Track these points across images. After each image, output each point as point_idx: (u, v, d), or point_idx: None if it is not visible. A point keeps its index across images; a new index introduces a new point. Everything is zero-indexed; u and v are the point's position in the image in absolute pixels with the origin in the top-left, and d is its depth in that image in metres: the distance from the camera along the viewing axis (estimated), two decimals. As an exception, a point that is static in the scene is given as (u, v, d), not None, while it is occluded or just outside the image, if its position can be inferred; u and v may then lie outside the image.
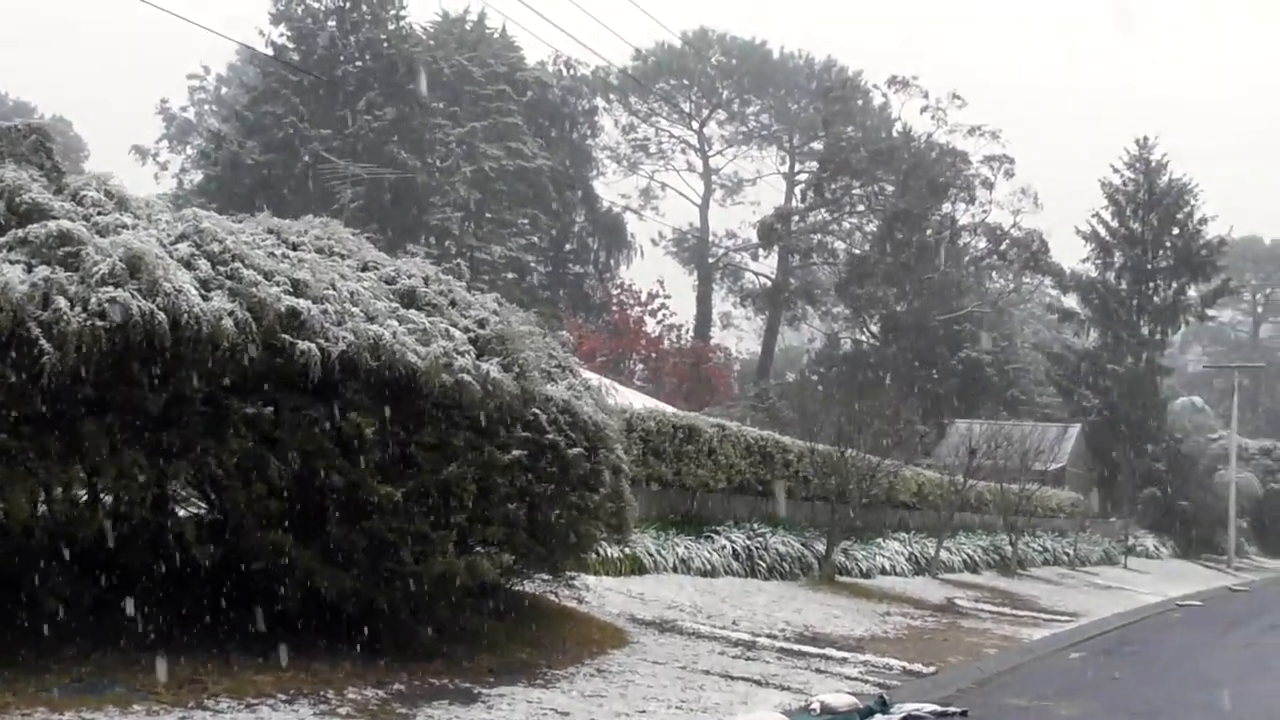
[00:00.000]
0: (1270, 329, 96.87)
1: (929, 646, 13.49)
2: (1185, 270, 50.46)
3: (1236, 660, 16.05)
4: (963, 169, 49.82)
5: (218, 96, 62.03)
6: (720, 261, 63.83)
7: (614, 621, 11.80)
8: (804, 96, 63.52)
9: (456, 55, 51.20)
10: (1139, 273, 50.40)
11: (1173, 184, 50.71)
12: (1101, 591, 26.64)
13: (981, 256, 52.49)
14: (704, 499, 18.34)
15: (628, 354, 50.81)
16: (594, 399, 10.42)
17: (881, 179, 51.60)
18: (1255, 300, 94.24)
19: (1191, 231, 50.43)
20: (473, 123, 48.72)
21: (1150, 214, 50.55)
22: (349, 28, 46.62)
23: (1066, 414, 47.90)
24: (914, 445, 25.73)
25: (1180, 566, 40.45)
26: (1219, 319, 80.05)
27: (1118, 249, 50.82)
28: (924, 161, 49.58)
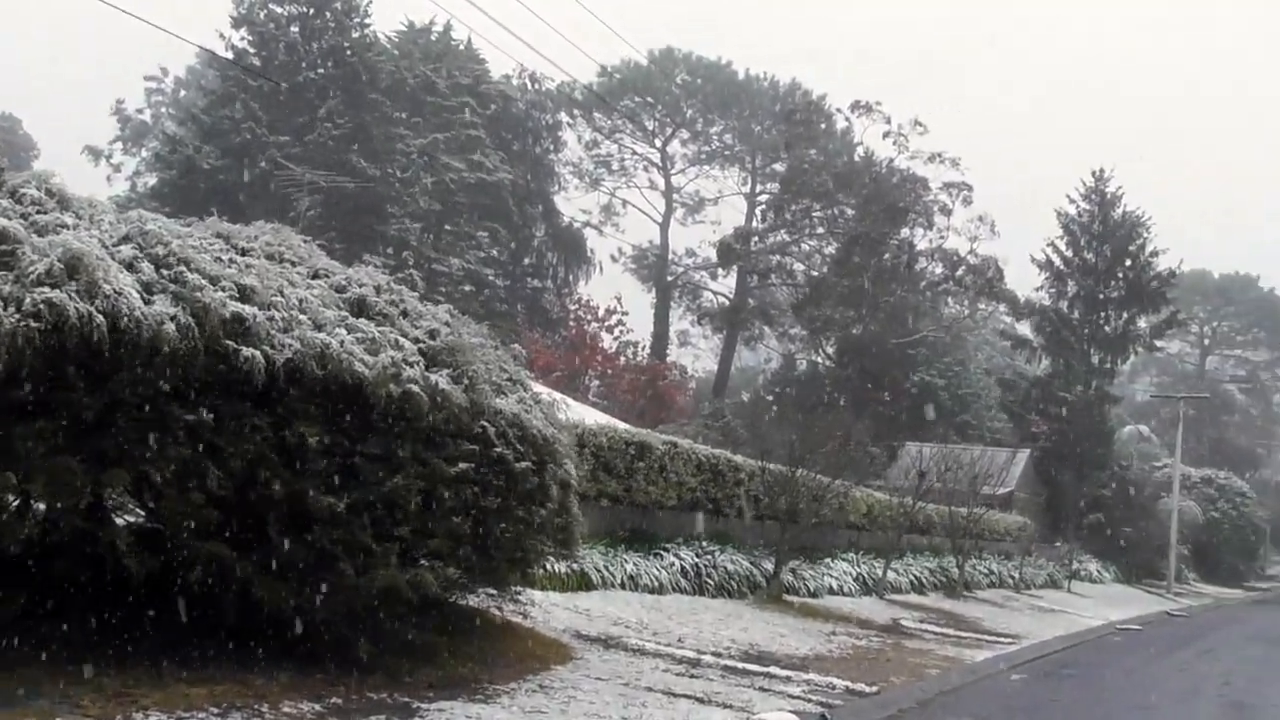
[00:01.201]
0: (1216, 361, 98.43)
1: (873, 666, 13.51)
2: (1136, 301, 51.13)
3: (1173, 684, 16.21)
4: (922, 195, 50.36)
5: (175, 99, 61.56)
6: (679, 280, 64.03)
7: (559, 637, 11.73)
8: (767, 118, 63.90)
9: (420, 66, 51.09)
10: (1091, 302, 51.00)
11: (1126, 216, 51.45)
12: (1045, 614, 26.84)
13: (938, 282, 52.97)
14: (654, 516, 18.30)
15: (584, 369, 50.75)
16: (545, 413, 10.34)
17: (842, 202, 52.02)
18: (1202, 333, 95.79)
19: (1143, 263, 51.17)
20: (435, 134, 48.63)
21: (1104, 245, 51.23)
22: (312, 34, 46.41)
23: (1016, 439, 48.31)
24: (865, 467, 25.86)
25: (1122, 591, 40.86)
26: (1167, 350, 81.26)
27: (1071, 278, 51.39)
28: (884, 186, 50.05)
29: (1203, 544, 57.01)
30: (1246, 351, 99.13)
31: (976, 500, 29.57)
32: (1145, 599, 39.34)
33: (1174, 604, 38.87)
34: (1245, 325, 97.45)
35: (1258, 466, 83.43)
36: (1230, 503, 60.36)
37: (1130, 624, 27.07)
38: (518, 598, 10.80)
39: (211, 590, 7.59)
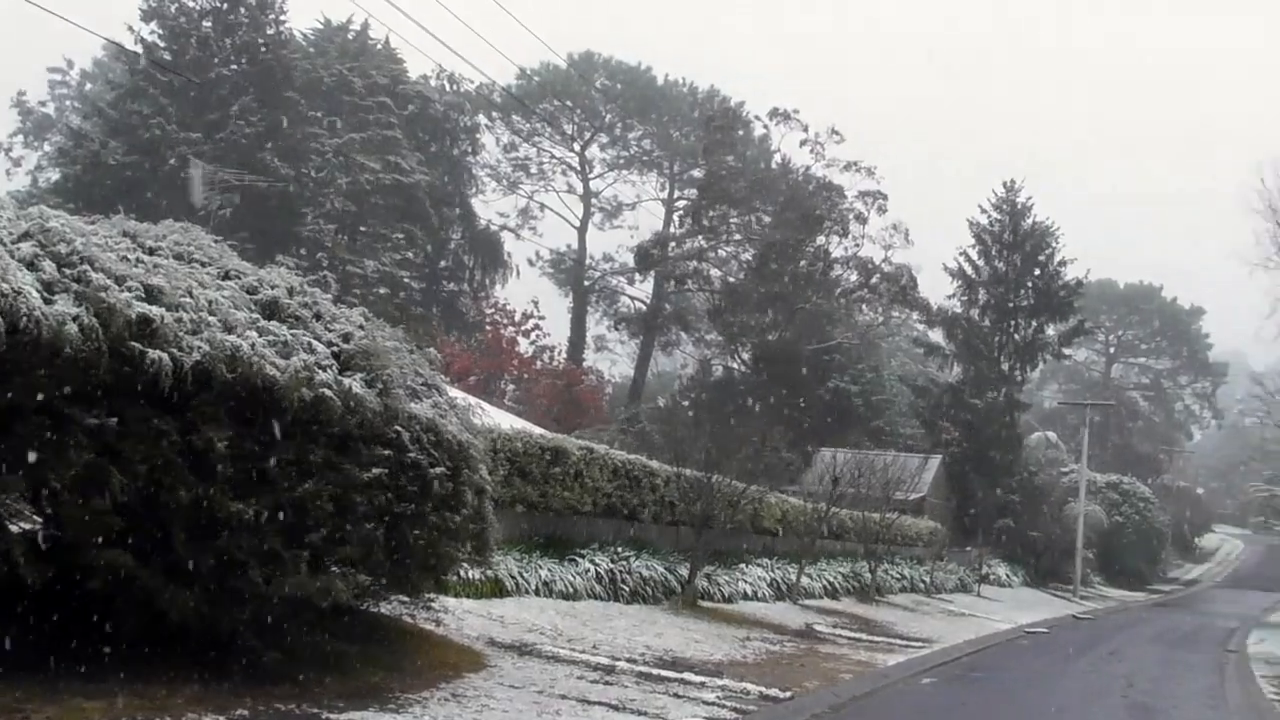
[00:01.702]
0: (1121, 369, 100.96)
1: (787, 671, 13.59)
2: (1045, 310, 52.19)
3: (1078, 686, 16.55)
4: (838, 203, 50.92)
5: (80, 92, 60.08)
6: (597, 284, 64.06)
7: (472, 644, 11.62)
8: (686, 124, 64.22)
9: (337, 64, 50.48)
10: (1002, 310, 51.94)
11: (1036, 226, 52.49)
12: (955, 618, 27.25)
13: (852, 289, 53.58)
14: (570, 521, 18.22)
15: (500, 374, 50.57)
16: (460, 418, 10.24)
17: (759, 209, 52.40)
18: (1108, 341, 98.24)
19: (1051, 273, 52.25)
20: (351, 134, 48.06)
21: (1014, 254, 52.21)
22: (225, 30, 45.51)
23: (928, 445, 48.91)
24: (780, 472, 26.02)
25: (1030, 595, 41.65)
26: (1074, 358, 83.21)
27: (983, 287, 52.27)
28: (801, 194, 50.52)
29: (1107, 548, 58.44)
30: (1150, 359, 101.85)
31: (889, 506, 29.94)
32: (1052, 602, 40.16)
33: (1080, 607, 39.74)
34: (1149, 334, 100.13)
35: (1160, 472, 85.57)
36: (1134, 508, 61.92)
37: (1038, 627, 27.60)
38: (431, 605, 10.65)
39: (113, 599, 7.36)
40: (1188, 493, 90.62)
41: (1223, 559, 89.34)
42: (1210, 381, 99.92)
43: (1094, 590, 51.57)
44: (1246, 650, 26.83)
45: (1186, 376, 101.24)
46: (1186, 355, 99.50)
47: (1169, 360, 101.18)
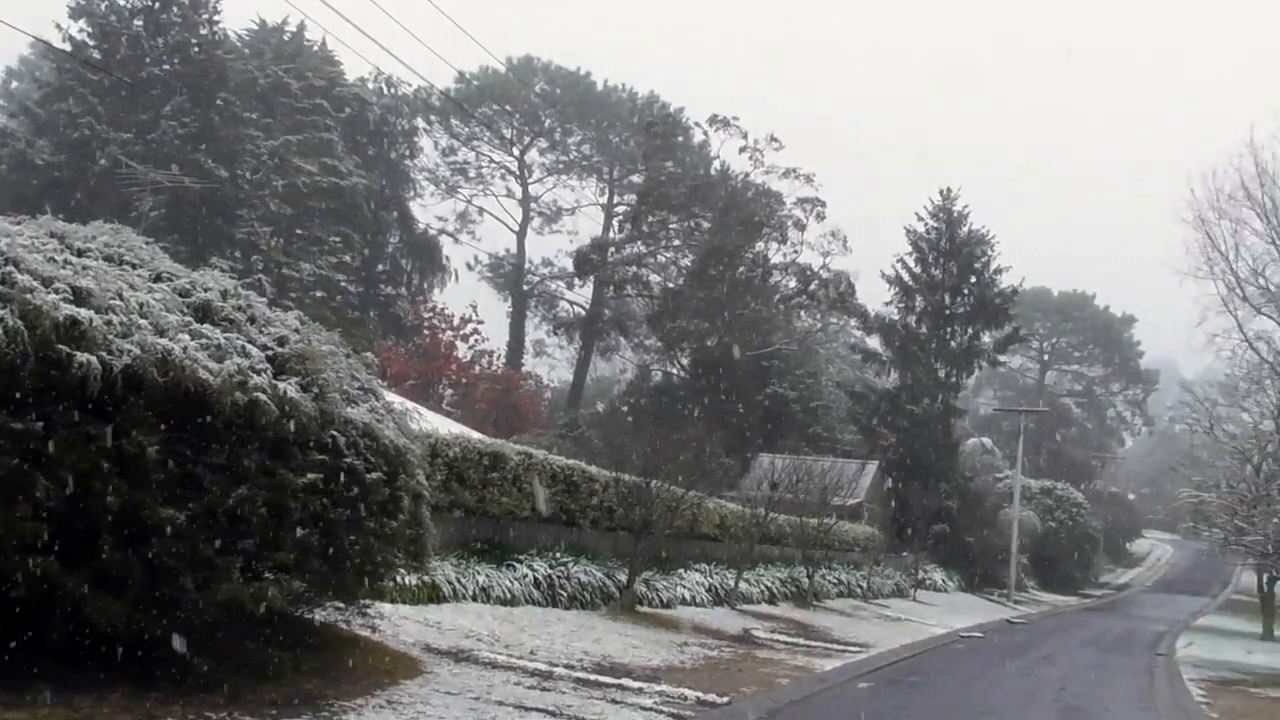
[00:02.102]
0: (1055, 376, 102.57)
1: (724, 677, 13.60)
2: (980, 317, 52.77)
3: (1011, 689, 16.77)
4: (777, 209, 51.24)
5: (6, 90, 58.80)
6: (535, 289, 63.95)
7: (409, 651, 11.50)
8: (625, 129, 64.28)
9: (272, 65, 49.92)
10: (938, 317, 52.47)
11: (972, 234, 53.09)
12: (892, 623, 27.47)
13: (791, 295, 53.91)
14: (508, 527, 18.13)
15: (438, 378, 50.30)
16: (397, 423, 10.16)
17: (698, 215, 52.56)
18: (1042, 348, 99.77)
19: (987, 280, 52.87)
20: (286, 136, 47.54)
21: (950, 262, 52.78)
22: (156, 29, 44.82)
23: (866, 451, 49.31)
24: (719, 478, 26.06)
25: (965, 599, 42.14)
26: (1009, 365, 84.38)
27: (919, 294, 52.79)
28: (740, 200, 50.76)
29: (1041, 553, 59.28)
30: (1083, 367, 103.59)
31: (827, 511, 30.11)
32: (987, 607, 40.64)
33: (1014, 611, 40.26)
34: (1082, 341, 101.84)
35: (1092, 478, 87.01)
36: (1067, 513, 62.90)
37: (973, 632, 27.92)
38: (367, 611, 10.55)
39: (38, 607, 7.19)
40: (1119, 498, 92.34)
41: (1153, 564, 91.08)
42: (1141, 389, 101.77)
43: (1028, 595, 52.29)
44: (1175, 654, 27.40)
45: (1118, 384, 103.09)
46: (1118, 363, 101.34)
47: (1101, 367, 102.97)
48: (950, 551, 47.77)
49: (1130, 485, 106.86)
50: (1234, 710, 16.59)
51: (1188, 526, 39.58)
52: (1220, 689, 19.89)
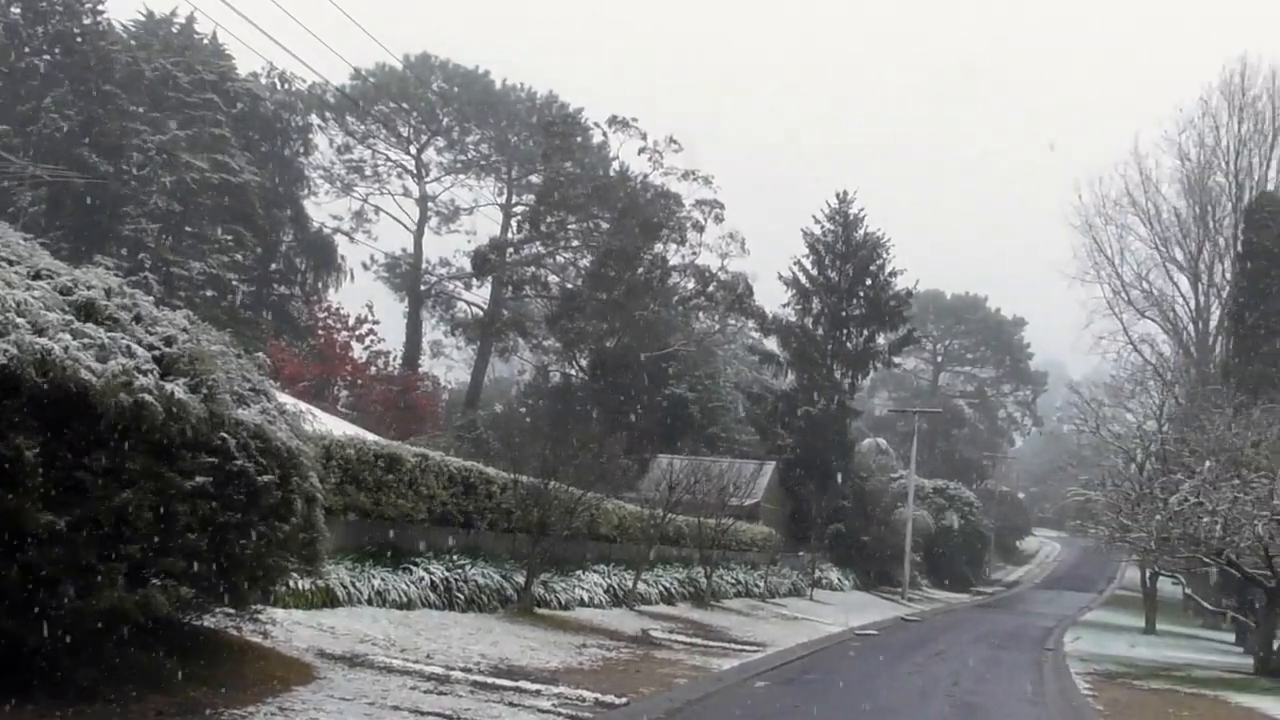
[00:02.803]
0: (948, 377, 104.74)
1: (623, 678, 13.60)
2: (876, 319, 53.58)
3: (905, 686, 17.04)
4: (676, 211, 51.42)
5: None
6: (433, 289, 63.25)
7: (301, 657, 11.29)
8: (524, 129, 63.96)
9: (160, 58, 48.66)
10: (835, 319, 53.13)
11: (868, 237, 53.87)
12: (789, 622, 27.75)
13: (690, 297, 54.17)
14: (405, 529, 17.91)
15: (333, 379, 49.53)
16: (290, 424, 9.97)
17: (597, 216, 52.52)
18: (936, 350, 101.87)
19: (883, 283, 53.69)
20: (175, 130, 46.37)
21: (847, 264, 53.52)
22: (35, 17, 43.37)
23: (763, 451, 49.69)
24: (617, 479, 26.07)
25: (861, 598, 42.77)
26: (904, 366, 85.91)
27: (816, 296, 53.38)
28: (639, 201, 50.83)
29: (935, 551, 60.47)
30: (975, 368, 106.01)
31: (724, 511, 30.31)
32: (882, 605, 41.31)
33: (908, 609, 40.99)
34: (974, 343, 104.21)
35: (984, 477, 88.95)
36: (959, 512, 64.24)
37: (868, 630, 28.34)
38: (258, 617, 10.34)
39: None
40: (1010, 497, 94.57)
41: (1042, 561, 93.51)
42: (1031, 390, 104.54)
43: (922, 593, 53.27)
44: (1063, 648, 28.16)
45: (1009, 385, 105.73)
46: (1009, 364, 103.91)
47: (993, 369, 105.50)
48: (846, 551, 48.45)
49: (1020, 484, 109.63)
50: (1118, 702, 17.08)
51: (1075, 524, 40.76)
52: (1106, 682, 20.48)
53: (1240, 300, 44.23)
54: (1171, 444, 35.07)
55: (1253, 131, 55.67)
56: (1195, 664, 27.60)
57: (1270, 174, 54.80)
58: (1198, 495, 24.82)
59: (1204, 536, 24.58)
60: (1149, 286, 59.09)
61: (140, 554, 7.84)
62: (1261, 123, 55.54)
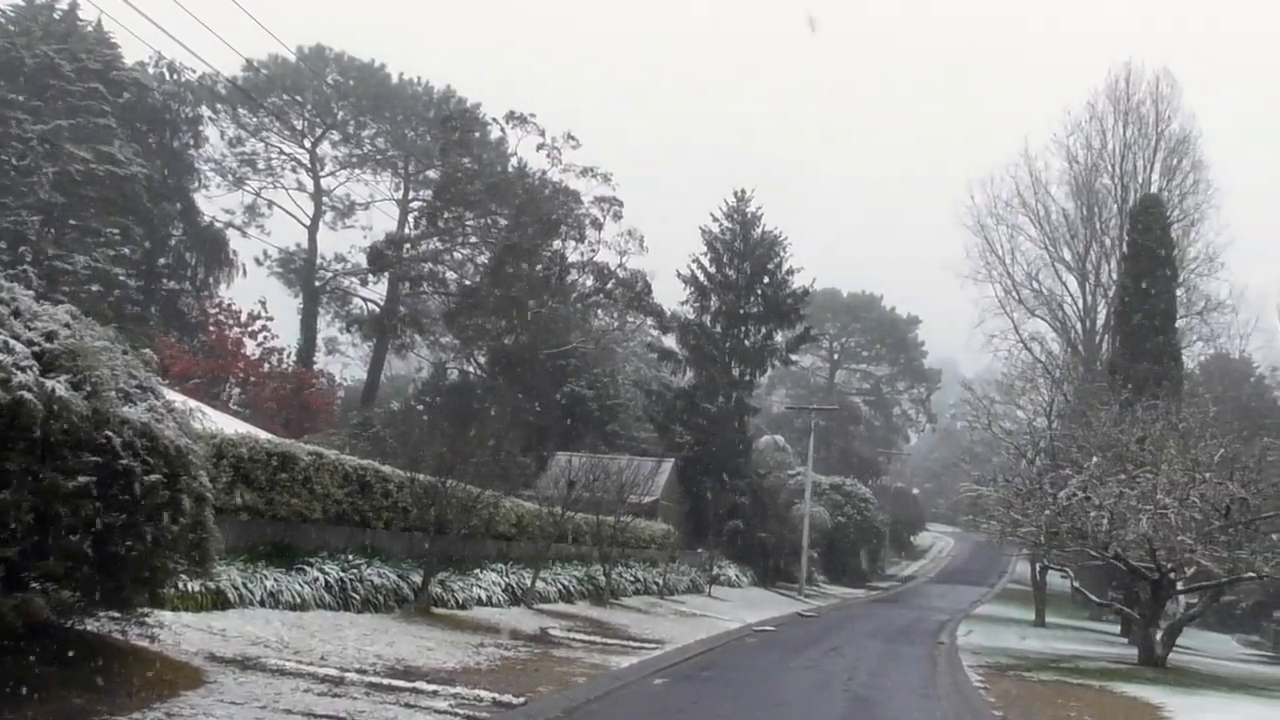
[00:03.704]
0: (844, 374, 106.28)
1: (521, 677, 13.53)
2: (773, 317, 54.01)
3: (802, 681, 17.23)
4: (574, 208, 51.33)
5: None
6: (328, 285, 62.25)
7: (191, 660, 11.02)
8: (421, 124, 63.31)
9: (41, 45, 47.11)
10: (733, 317, 53.47)
11: (765, 235, 54.29)
12: (687, 619, 27.87)
13: (589, 294, 54.12)
14: (299, 529, 17.60)
15: (225, 377, 48.51)
16: (178, 422, 9.71)
17: (495, 212, 52.19)
18: (832, 348, 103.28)
19: (780, 281, 54.13)
20: (58, 120, 44.96)
21: (745, 262, 53.88)
22: (-93, 2, 41.70)
23: (662, 449, 49.74)
24: (515, 477, 25.95)
25: (759, 594, 43.16)
26: (801, 363, 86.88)
27: (715, 293, 53.66)
28: (537, 198, 50.64)
29: (831, 547, 61.32)
30: (870, 366, 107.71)
31: (623, 509, 30.32)
32: (779, 601, 41.74)
33: (805, 605, 41.50)
34: (870, 341, 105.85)
35: (879, 474, 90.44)
36: (855, 508, 65.20)
37: (766, 625, 28.62)
38: (145, 620, 10.04)
39: None
40: (905, 493, 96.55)
41: (935, 556, 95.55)
42: (925, 387, 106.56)
43: (818, 588, 53.99)
44: (956, 642, 28.73)
45: (904, 382, 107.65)
46: (904, 362, 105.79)
47: (888, 366, 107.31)
48: (744, 547, 48.84)
49: (915, 480, 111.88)
50: (1009, 694, 17.45)
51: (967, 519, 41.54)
52: (997, 674, 20.92)
53: (1125, 300, 45.52)
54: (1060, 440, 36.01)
55: (1137, 136, 57.58)
56: (1083, 655, 28.32)
57: (1153, 177, 56.72)
58: (1085, 490, 25.44)
59: (1091, 530, 25.20)
60: (1039, 286, 60.75)
61: (18, 556, 7.60)
62: (1145, 127, 57.47)
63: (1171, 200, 53.98)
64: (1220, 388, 46.14)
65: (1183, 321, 50.65)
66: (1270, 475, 24.28)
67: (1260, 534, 24.47)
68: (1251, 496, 24.06)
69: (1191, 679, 23.58)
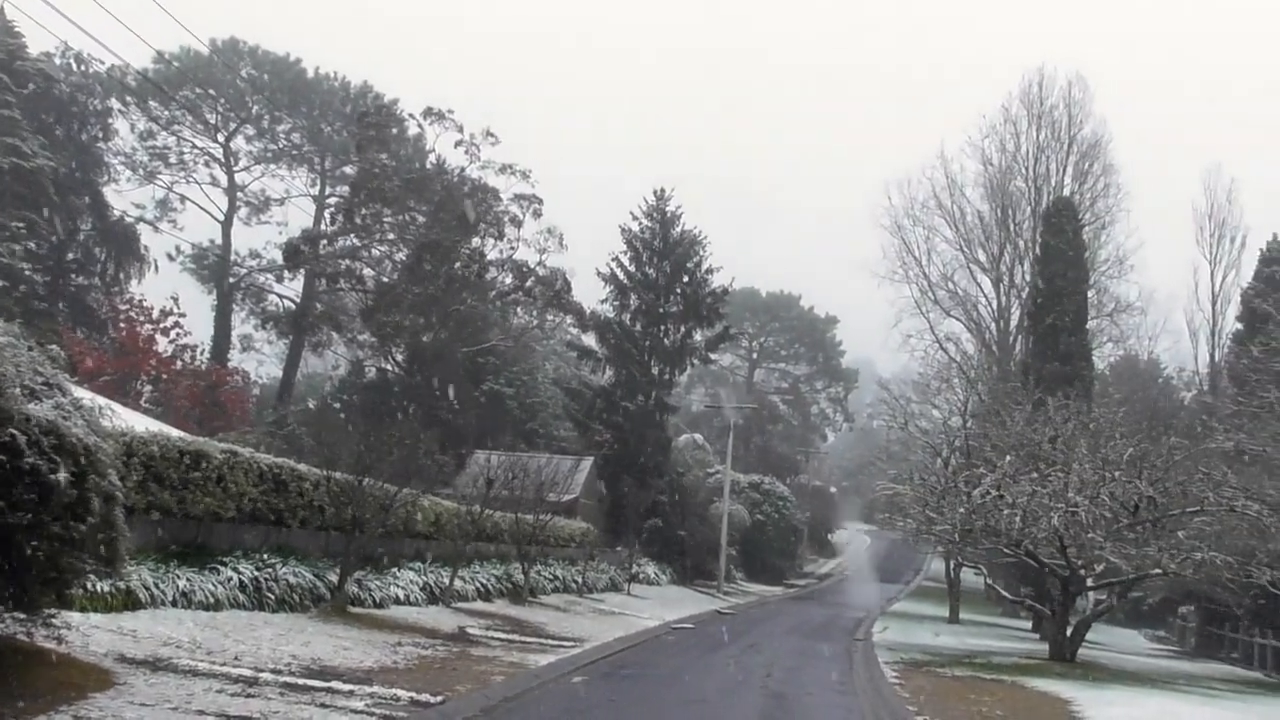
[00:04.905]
0: (763, 373, 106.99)
1: (438, 676, 13.47)
2: (693, 315, 54.25)
3: (720, 678, 17.37)
4: (493, 205, 51.07)
5: None
6: (242, 281, 61.23)
7: (100, 662, 10.80)
8: (338, 119, 62.57)
9: (-60, 34, 45.73)
10: (652, 315, 53.60)
11: (685, 234, 54.53)
12: (606, 617, 27.93)
13: (508, 292, 53.89)
14: (212, 528, 17.33)
15: (136, 374, 47.50)
16: (86, 420, 9.54)
17: (413, 209, 51.75)
18: (752, 347, 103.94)
19: (700, 279, 54.39)
20: (-40, 111, 43.66)
21: (664, 261, 54.06)
22: None
23: (581, 447, 49.79)
24: (434, 475, 25.78)
25: (678, 592, 43.36)
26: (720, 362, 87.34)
27: (634, 292, 53.76)
28: (456, 195, 50.30)
29: (750, 545, 61.72)
30: (789, 365, 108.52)
31: (542, 507, 30.29)
32: (698, 599, 41.96)
33: (724, 602, 41.78)
34: (789, 340, 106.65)
35: (797, 472, 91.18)
36: (774, 506, 65.70)
37: (684, 623, 28.77)
38: (52, 621, 9.83)
39: None
40: (822, 491, 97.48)
41: (852, 553, 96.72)
42: (843, 386, 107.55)
43: (737, 586, 54.33)
44: (872, 639, 29.13)
45: (822, 381, 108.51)
46: (822, 361, 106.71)
47: (806, 366, 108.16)
48: (664, 545, 49.00)
49: (832, 479, 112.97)
50: (924, 690, 17.73)
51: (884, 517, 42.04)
52: (912, 670, 21.25)
53: (1038, 301, 46.41)
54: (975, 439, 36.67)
55: (1050, 139, 58.78)
56: (995, 651, 28.80)
57: (1066, 180, 57.98)
58: (998, 489, 25.86)
59: (1004, 528, 25.60)
60: (954, 287, 61.70)
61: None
62: (1058, 131, 58.69)
63: (1083, 203, 55.18)
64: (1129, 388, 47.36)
65: (1093, 323, 51.81)
66: (1177, 474, 24.85)
67: (1167, 531, 25.02)
68: (1159, 495, 24.63)
69: (1100, 674, 24.12)
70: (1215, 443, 27.23)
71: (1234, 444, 26.80)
